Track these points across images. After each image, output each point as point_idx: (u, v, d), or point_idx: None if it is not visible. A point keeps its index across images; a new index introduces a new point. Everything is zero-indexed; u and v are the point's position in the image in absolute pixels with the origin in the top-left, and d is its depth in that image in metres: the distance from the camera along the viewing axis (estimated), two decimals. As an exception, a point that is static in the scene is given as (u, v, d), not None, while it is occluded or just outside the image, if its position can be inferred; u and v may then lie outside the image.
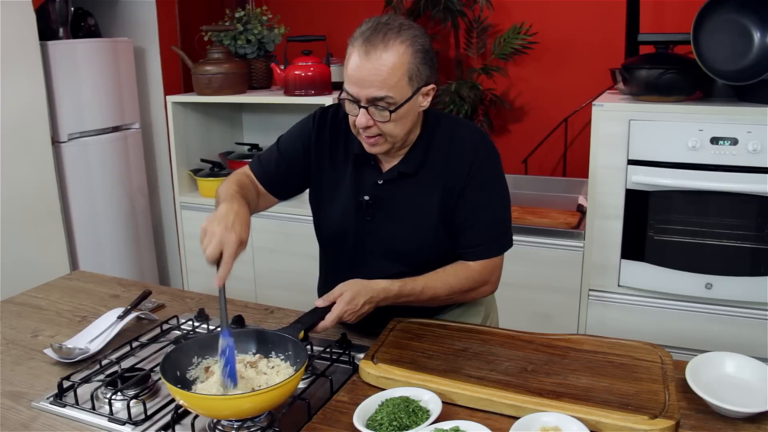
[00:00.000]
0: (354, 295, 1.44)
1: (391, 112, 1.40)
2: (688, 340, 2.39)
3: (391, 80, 1.38)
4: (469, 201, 1.54)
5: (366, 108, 1.41)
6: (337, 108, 1.64)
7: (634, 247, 2.43)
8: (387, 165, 1.58)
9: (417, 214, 1.55)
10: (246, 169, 1.71)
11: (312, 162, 1.65)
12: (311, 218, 1.72)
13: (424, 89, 1.46)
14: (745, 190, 2.22)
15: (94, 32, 3.35)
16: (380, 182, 1.57)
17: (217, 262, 1.26)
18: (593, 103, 2.42)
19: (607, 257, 2.49)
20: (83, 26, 3.31)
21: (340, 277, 1.53)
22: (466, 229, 1.56)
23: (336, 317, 1.42)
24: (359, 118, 1.42)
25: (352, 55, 1.40)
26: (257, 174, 1.69)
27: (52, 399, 1.36)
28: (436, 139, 1.55)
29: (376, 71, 1.37)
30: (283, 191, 1.71)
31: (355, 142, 1.56)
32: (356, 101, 1.42)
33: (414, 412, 1.20)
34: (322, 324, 1.42)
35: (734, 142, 2.20)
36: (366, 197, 1.57)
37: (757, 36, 2.20)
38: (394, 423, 1.17)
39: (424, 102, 1.48)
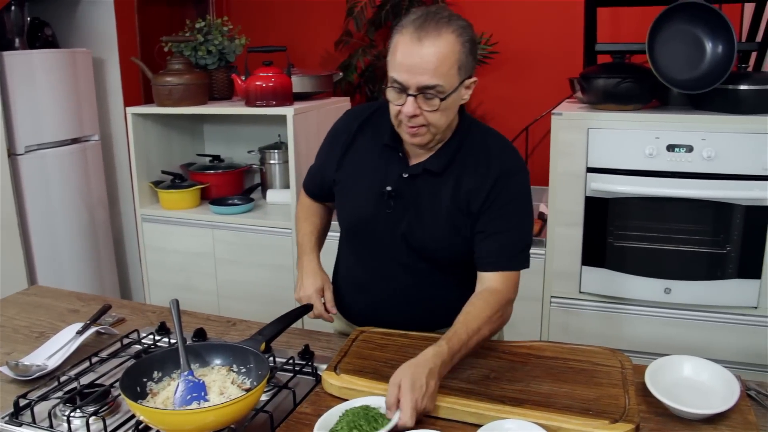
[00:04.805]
0: (412, 378, 1.25)
1: (441, 100, 1.39)
2: (648, 344, 2.42)
3: (442, 68, 1.37)
4: (498, 211, 1.52)
5: (414, 96, 1.39)
6: (366, 105, 1.69)
7: (595, 253, 2.46)
8: (415, 159, 1.57)
9: (436, 213, 1.54)
10: (303, 195, 1.85)
11: (341, 155, 1.66)
12: (273, 229, 1.73)
13: (467, 81, 1.45)
14: (701, 196, 2.26)
15: (51, 43, 3.30)
16: (405, 176, 1.55)
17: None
18: (552, 112, 2.45)
19: (568, 264, 2.51)
20: (40, 36, 3.26)
21: (361, 266, 1.67)
22: (490, 237, 1.52)
23: (410, 409, 1.22)
24: (407, 107, 1.40)
25: (401, 44, 1.38)
26: (314, 197, 1.83)
27: (7, 418, 1.33)
28: (468, 141, 1.55)
29: (429, 58, 1.36)
30: None
31: (384, 133, 1.57)
32: (405, 89, 1.40)
33: (374, 418, 1.21)
34: (402, 423, 1.22)
35: (689, 149, 2.24)
36: (389, 188, 1.56)
37: (708, 46, 2.25)
38: (354, 431, 1.17)
39: (466, 95, 1.48)
